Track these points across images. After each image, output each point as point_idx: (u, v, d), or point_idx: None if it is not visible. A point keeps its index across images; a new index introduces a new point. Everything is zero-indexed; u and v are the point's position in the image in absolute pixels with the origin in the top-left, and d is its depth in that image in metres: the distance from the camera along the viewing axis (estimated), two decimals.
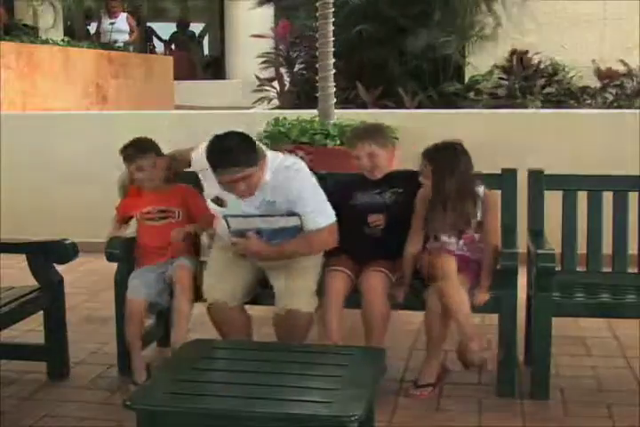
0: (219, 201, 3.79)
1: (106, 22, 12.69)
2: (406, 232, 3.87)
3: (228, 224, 3.72)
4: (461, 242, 3.81)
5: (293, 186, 3.67)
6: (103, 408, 3.64)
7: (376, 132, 4.01)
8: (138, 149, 3.98)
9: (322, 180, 3.90)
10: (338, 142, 5.59)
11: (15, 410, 3.63)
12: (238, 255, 3.79)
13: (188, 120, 6.94)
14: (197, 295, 3.82)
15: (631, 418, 3.51)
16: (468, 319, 3.61)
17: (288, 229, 3.69)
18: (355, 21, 9.29)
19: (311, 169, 3.86)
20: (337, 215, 3.90)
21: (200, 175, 3.88)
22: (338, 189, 4.01)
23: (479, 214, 3.81)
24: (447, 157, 3.77)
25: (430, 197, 3.78)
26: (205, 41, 18.47)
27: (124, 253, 3.96)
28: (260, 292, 3.83)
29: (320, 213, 3.72)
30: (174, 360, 3.17)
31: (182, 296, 3.80)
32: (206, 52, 18.45)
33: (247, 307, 3.82)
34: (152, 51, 16.32)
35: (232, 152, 3.51)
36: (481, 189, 3.83)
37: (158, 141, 4.09)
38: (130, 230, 4.13)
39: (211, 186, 3.76)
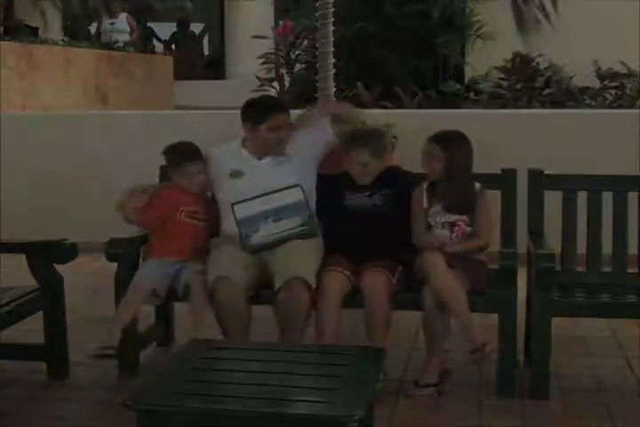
0: (237, 173, 4.05)
1: (106, 22, 12.70)
2: (400, 231, 3.92)
3: (234, 214, 3.91)
4: (454, 235, 3.84)
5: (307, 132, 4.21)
6: (103, 408, 3.64)
7: (372, 140, 3.99)
8: (185, 156, 4.02)
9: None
10: (337, 142, 5.59)
11: (15, 410, 3.64)
12: (241, 250, 3.90)
13: (187, 120, 6.94)
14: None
15: (631, 418, 3.51)
16: (467, 311, 3.63)
17: (291, 206, 3.92)
18: (354, 20, 9.31)
19: None
20: (329, 215, 4.00)
21: (218, 156, 4.12)
22: (328, 187, 4.08)
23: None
24: (459, 138, 3.92)
25: (441, 175, 3.86)
26: (205, 41, 18.46)
27: (124, 253, 3.96)
28: (260, 291, 3.84)
29: None
30: (174, 360, 3.17)
31: (198, 296, 3.81)
32: (206, 52, 18.45)
33: None
34: (152, 51, 16.31)
35: (282, 102, 4.31)
36: (477, 185, 3.91)
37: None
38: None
39: (230, 160, 4.08)
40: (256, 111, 4.05)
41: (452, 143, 3.88)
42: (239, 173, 4.06)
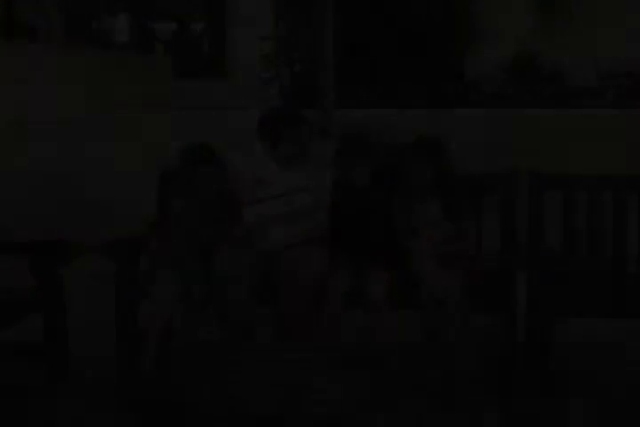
0: (260, 181, 4.03)
1: (106, 22, 12.71)
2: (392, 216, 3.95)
3: (246, 216, 3.95)
4: (435, 234, 3.86)
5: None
6: (103, 408, 3.64)
7: (357, 147, 3.99)
8: (199, 158, 3.99)
9: None
10: None
11: (15, 410, 3.64)
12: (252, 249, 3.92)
13: (187, 121, 6.96)
14: None
15: (633, 419, 3.51)
16: (466, 307, 3.67)
17: (303, 210, 3.95)
18: (354, 20, 9.32)
19: None
20: (332, 215, 4.02)
21: (240, 160, 4.08)
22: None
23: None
24: (440, 143, 3.93)
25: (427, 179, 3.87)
26: (205, 41, 18.49)
27: (124, 253, 3.96)
28: (264, 292, 3.84)
29: None
30: (174, 360, 3.17)
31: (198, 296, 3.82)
32: (206, 52, 18.47)
33: None
34: (152, 51, 16.34)
35: (296, 113, 4.08)
36: (464, 187, 3.96)
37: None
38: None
39: (253, 167, 4.05)
40: (271, 130, 4.03)
41: (437, 149, 3.90)
42: (262, 180, 4.04)
